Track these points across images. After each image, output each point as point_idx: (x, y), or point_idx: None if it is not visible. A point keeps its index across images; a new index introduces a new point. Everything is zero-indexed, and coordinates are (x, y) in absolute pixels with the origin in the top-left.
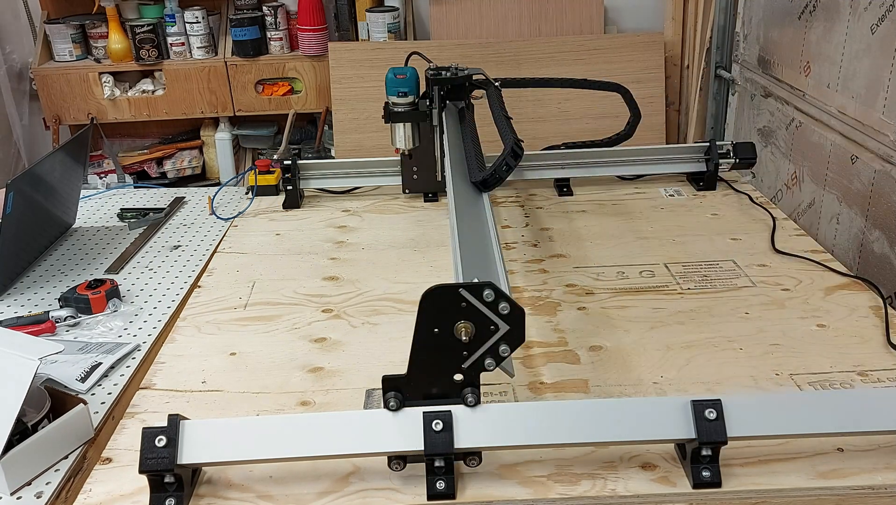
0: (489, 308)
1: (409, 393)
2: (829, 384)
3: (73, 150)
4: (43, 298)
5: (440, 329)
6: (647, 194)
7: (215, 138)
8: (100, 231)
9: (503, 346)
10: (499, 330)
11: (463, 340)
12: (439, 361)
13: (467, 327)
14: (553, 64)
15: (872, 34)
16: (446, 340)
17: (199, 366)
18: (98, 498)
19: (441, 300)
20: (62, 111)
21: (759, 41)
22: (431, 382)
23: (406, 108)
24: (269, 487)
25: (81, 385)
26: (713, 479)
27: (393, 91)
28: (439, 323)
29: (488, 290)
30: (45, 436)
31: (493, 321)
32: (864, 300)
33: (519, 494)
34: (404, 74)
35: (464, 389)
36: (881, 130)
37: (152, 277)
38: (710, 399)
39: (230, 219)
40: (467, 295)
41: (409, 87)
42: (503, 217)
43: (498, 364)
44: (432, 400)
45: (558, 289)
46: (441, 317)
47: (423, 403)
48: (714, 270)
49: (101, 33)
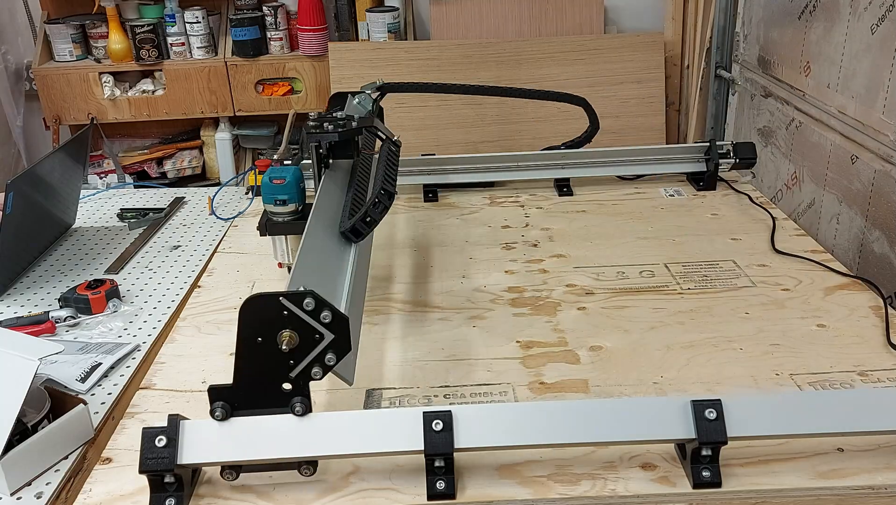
0: (311, 317)
1: (237, 403)
2: (829, 384)
3: (72, 151)
4: (43, 298)
5: (263, 338)
6: (647, 194)
7: (215, 138)
8: (100, 231)
9: (329, 354)
10: (324, 339)
11: (283, 349)
12: (264, 370)
13: (291, 336)
14: (553, 64)
15: (872, 34)
16: (270, 349)
17: (199, 366)
18: (98, 498)
19: (262, 310)
20: (62, 111)
21: (759, 41)
22: (259, 391)
23: (287, 217)
24: (269, 487)
25: (81, 385)
26: (713, 479)
27: (269, 199)
28: (262, 332)
29: (308, 298)
30: (45, 436)
31: (318, 330)
32: (864, 300)
33: (519, 494)
34: (282, 178)
35: (293, 399)
36: (881, 130)
37: (152, 278)
38: (710, 399)
39: (230, 219)
40: (288, 304)
41: (290, 193)
42: (503, 217)
43: (325, 373)
44: (262, 410)
45: (558, 289)
46: (263, 326)
47: (252, 412)
48: (714, 270)
49: (102, 33)
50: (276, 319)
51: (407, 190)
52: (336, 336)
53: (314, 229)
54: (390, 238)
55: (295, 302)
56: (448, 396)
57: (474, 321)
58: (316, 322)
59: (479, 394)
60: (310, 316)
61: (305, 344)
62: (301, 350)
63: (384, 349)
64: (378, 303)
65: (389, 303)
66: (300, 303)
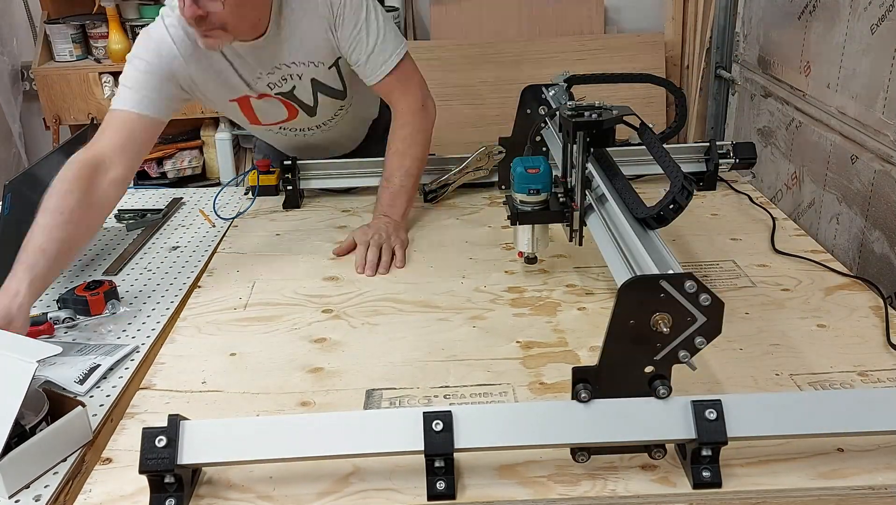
0: (688, 300)
1: (599, 384)
2: (829, 384)
3: (71, 151)
4: (41, 299)
5: (636, 321)
6: (647, 194)
7: (215, 138)
8: (97, 232)
9: (699, 337)
10: (696, 322)
11: (663, 330)
12: (633, 352)
13: (665, 318)
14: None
15: (872, 34)
16: (641, 331)
17: (199, 366)
18: (98, 498)
19: (640, 291)
20: (62, 111)
21: (759, 41)
22: (622, 373)
23: (537, 206)
24: (269, 488)
25: (80, 387)
26: (713, 479)
27: (522, 188)
28: (636, 314)
29: (690, 281)
30: (43, 439)
31: (691, 313)
32: (864, 300)
33: (519, 494)
34: (536, 168)
35: (654, 382)
36: (881, 130)
37: (151, 279)
38: (710, 399)
39: (229, 219)
40: (667, 286)
41: (543, 183)
42: (503, 217)
43: (693, 355)
44: (621, 394)
45: (558, 289)
46: (639, 308)
47: (612, 396)
48: (714, 270)
49: (101, 33)
50: (652, 302)
51: None
52: (709, 319)
53: (622, 215)
54: None
55: (675, 285)
56: (448, 397)
57: (474, 321)
58: (693, 305)
59: (479, 394)
60: (688, 299)
61: (676, 326)
62: (671, 333)
63: (384, 349)
64: (378, 303)
65: (389, 303)
66: (681, 285)
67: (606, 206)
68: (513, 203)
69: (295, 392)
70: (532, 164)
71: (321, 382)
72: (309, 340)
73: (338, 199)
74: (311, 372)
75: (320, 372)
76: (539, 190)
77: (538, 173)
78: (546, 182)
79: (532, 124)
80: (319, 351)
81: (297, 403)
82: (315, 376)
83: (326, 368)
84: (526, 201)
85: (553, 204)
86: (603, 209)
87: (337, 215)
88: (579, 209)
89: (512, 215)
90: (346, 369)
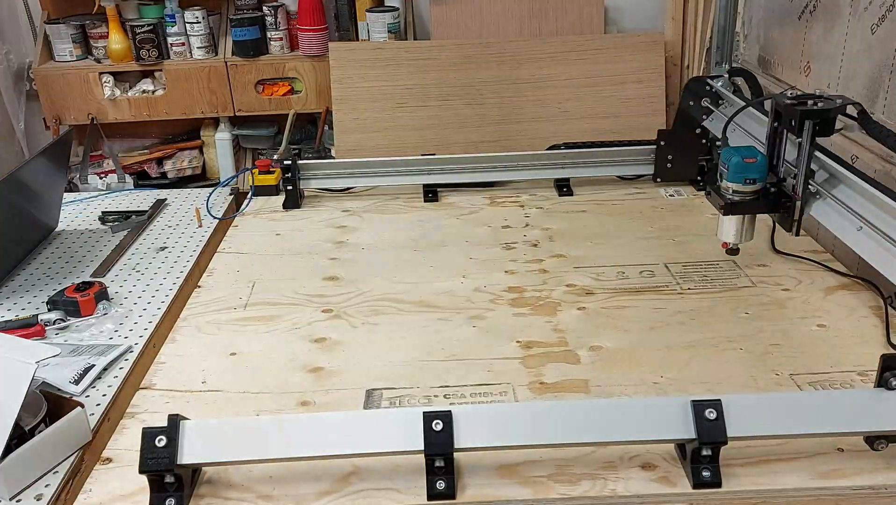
0: None
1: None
2: (829, 384)
3: (54, 154)
4: (30, 301)
5: None
6: (647, 194)
7: (215, 138)
8: (83, 234)
9: None
10: None
11: None
12: None
13: None
14: (553, 64)
15: (872, 34)
16: None
17: (199, 366)
18: (98, 498)
19: None
20: (62, 111)
21: (759, 41)
22: None
23: (750, 196)
24: (269, 487)
25: (75, 387)
26: (713, 479)
27: (738, 178)
28: None
29: None
30: (42, 440)
31: None
32: (864, 300)
33: (519, 494)
34: (754, 158)
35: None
36: None
37: (140, 279)
38: (710, 399)
39: (221, 219)
40: None
41: (760, 173)
42: (503, 217)
43: None
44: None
45: (558, 289)
46: None
47: None
48: (714, 270)
49: (102, 33)
50: None
51: (407, 190)
52: None
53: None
54: (390, 238)
55: None
56: (448, 396)
57: (474, 321)
58: None
59: (479, 394)
60: None
61: None
62: None
63: (384, 349)
64: (378, 303)
65: (389, 303)
66: None
67: (844, 190)
68: (723, 193)
69: (295, 392)
70: (748, 153)
71: (321, 382)
72: (309, 340)
73: (338, 200)
74: (310, 372)
75: (320, 372)
76: (755, 179)
77: (755, 163)
78: (763, 172)
79: (693, 118)
80: (319, 351)
81: (297, 403)
82: (315, 376)
83: (326, 368)
84: (739, 191)
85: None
86: (839, 193)
87: (337, 215)
88: (801, 198)
89: (726, 206)
90: (346, 369)
